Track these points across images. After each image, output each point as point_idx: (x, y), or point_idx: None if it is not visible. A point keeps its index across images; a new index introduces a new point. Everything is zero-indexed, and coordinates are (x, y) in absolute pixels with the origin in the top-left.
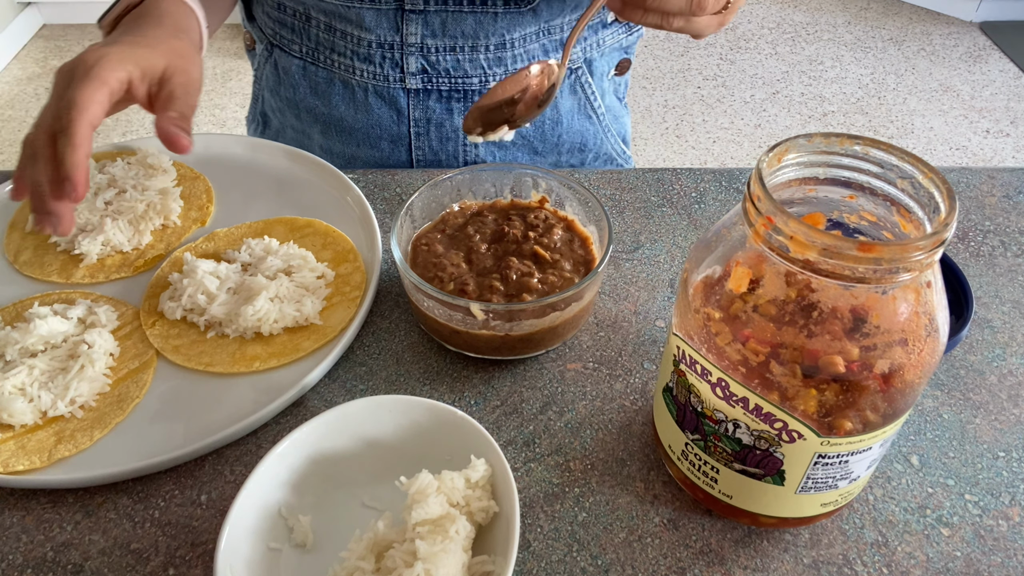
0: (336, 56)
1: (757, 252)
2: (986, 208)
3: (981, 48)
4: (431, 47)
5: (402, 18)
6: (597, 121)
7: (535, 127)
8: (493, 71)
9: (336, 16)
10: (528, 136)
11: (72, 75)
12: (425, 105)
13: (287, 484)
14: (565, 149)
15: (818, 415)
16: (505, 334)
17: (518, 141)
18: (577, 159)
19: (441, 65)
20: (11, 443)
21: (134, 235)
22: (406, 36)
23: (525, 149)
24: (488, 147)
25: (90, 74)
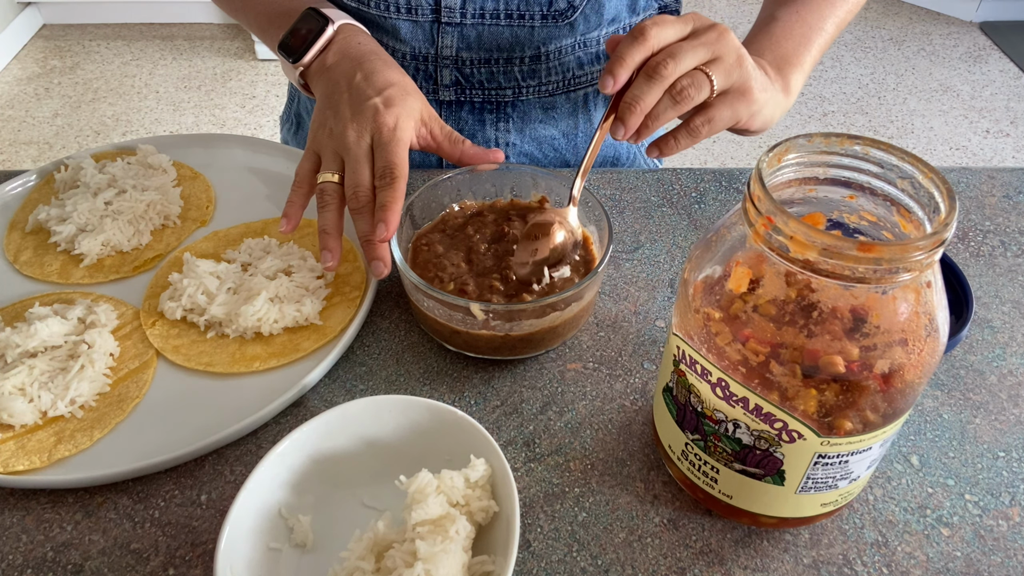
0: None
1: (757, 252)
2: (986, 208)
3: (981, 48)
4: (465, 59)
5: (438, 31)
6: None
7: (567, 140)
8: (527, 83)
9: (373, 25)
10: (560, 148)
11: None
12: (457, 116)
13: (287, 484)
14: (597, 163)
15: (818, 415)
16: (505, 334)
17: (550, 153)
18: None
19: (475, 77)
20: (11, 443)
21: (134, 235)
22: (441, 48)
23: (557, 162)
24: (520, 159)
25: (397, 138)
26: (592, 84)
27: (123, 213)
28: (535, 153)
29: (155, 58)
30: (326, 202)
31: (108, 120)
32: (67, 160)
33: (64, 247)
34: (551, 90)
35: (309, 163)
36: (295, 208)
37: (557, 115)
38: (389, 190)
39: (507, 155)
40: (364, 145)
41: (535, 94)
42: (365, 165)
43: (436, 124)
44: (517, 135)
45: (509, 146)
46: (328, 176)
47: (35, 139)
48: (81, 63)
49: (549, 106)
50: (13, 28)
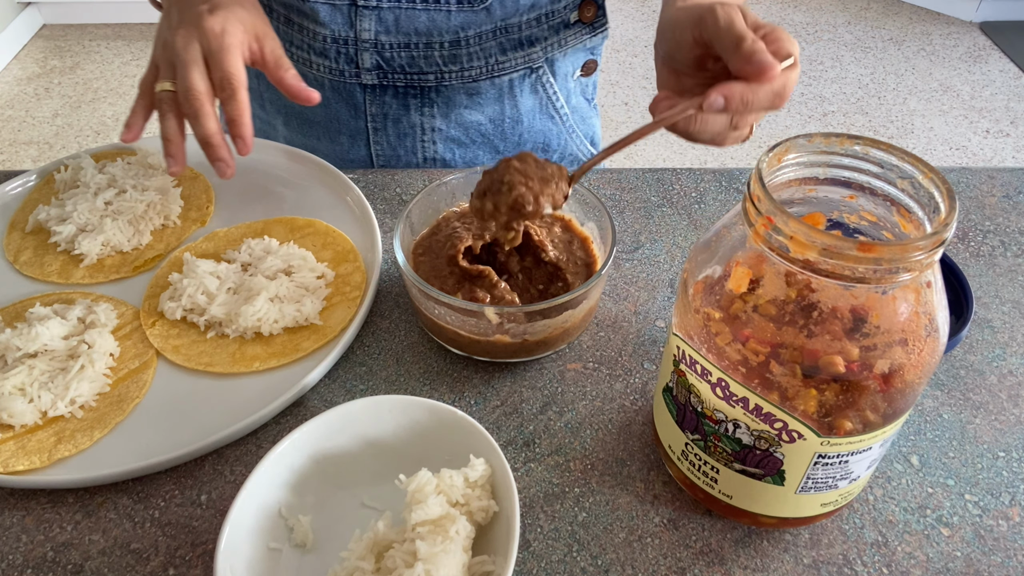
0: (294, 49)
1: (757, 252)
2: (986, 208)
3: (981, 48)
4: (385, 44)
5: (356, 14)
6: (560, 122)
7: (495, 125)
8: (448, 68)
9: (293, 9)
10: (488, 134)
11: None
12: (381, 101)
13: (287, 484)
14: (528, 148)
15: (818, 415)
16: (523, 340)
17: (478, 139)
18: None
19: (396, 62)
20: (11, 443)
21: (134, 235)
22: (360, 32)
23: (486, 147)
24: (448, 144)
25: (226, 44)
26: (517, 70)
27: (123, 213)
28: (462, 138)
29: None
30: (163, 111)
31: (108, 120)
32: (67, 160)
33: (64, 247)
34: (474, 76)
35: (150, 75)
36: (136, 118)
37: (482, 101)
38: (233, 103)
39: (434, 140)
40: (193, 51)
41: (458, 79)
42: (194, 69)
43: (269, 43)
44: (443, 120)
45: (435, 131)
46: (164, 85)
47: (35, 139)
48: (81, 63)
49: (474, 92)
50: (13, 28)
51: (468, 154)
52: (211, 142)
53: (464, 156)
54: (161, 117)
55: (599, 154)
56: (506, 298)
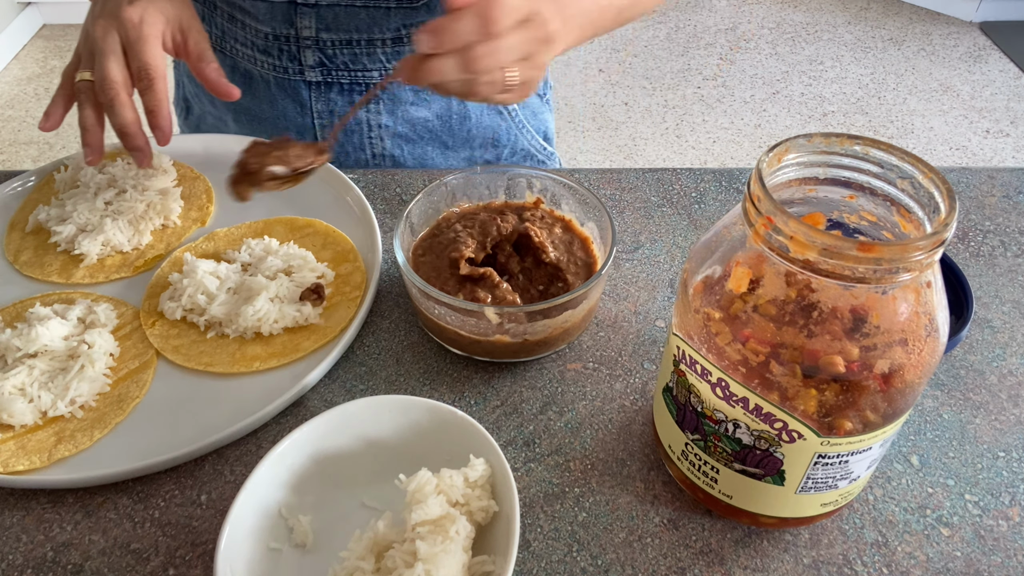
0: (239, 46)
1: (757, 252)
2: (986, 208)
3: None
4: (326, 41)
5: (295, 11)
6: (509, 117)
7: (442, 122)
8: (392, 64)
9: (236, 7)
10: (435, 130)
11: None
12: (327, 98)
13: (287, 484)
14: (477, 144)
15: (818, 415)
16: (524, 340)
17: (426, 135)
18: (492, 154)
19: (339, 59)
20: (11, 443)
21: (134, 235)
22: (300, 29)
23: (435, 143)
24: (395, 140)
25: (144, 34)
26: None
27: (123, 213)
28: (410, 135)
29: None
30: (81, 101)
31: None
32: (67, 160)
33: (64, 247)
34: None
35: (72, 65)
36: (55, 107)
37: (429, 97)
38: (150, 94)
39: (381, 137)
40: (111, 40)
41: None
42: (110, 59)
43: (193, 35)
44: (389, 117)
45: (383, 128)
46: (83, 75)
47: (35, 139)
48: None
49: (419, 88)
50: (13, 28)
51: (417, 150)
52: (126, 131)
53: (413, 152)
54: (79, 107)
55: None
56: (507, 299)
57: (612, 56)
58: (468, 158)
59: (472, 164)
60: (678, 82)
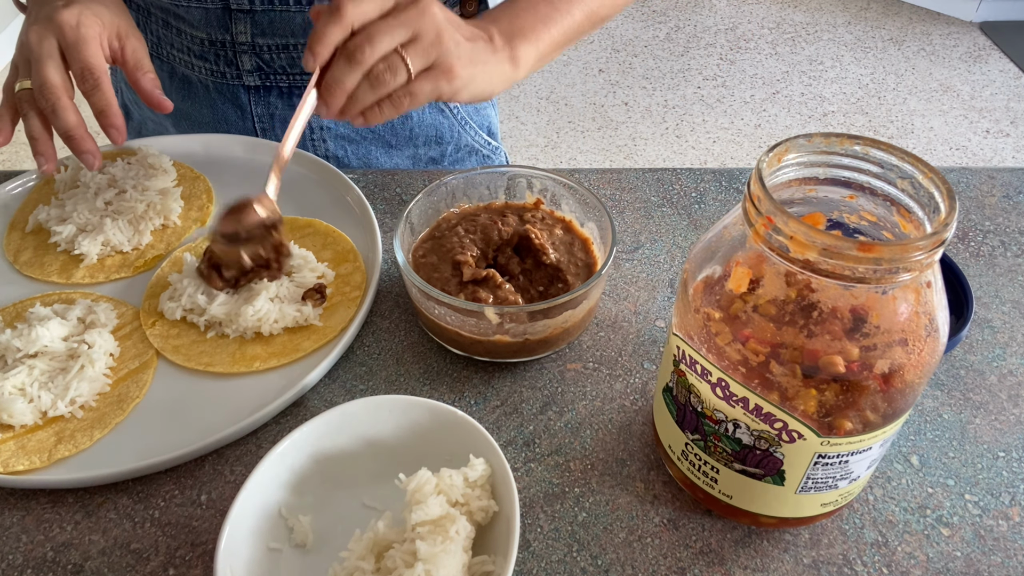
0: (176, 52)
1: (757, 252)
2: (986, 208)
3: (981, 48)
4: (263, 46)
5: (230, 17)
6: (451, 115)
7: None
8: None
9: (170, 13)
10: (377, 130)
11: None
12: (267, 101)
13: (287, 484)
14: (421, 142)
15: (818, 415)
16: (525, 339)
17: (368, 135)
18: (436, 151)
19: (276, 63)
20: (11, 443)
21: (134, 235)
22: (236, 35)
23: (378, 143)
24: (338, 142)
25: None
26: None
27: (123, 213)
28: (352, 135)
29: None
30: (24, 111)
31: None
32: (67, 160)
33: (64, 247)
34: None
35: (12, 76)
36: (3, 122)
37: None
38: (98, 94)
39: (323, 139)
40: (47, 46)
41: None
42: (48, 64)
43: (131, 42)
44: None
45: (324, 130)
46: (22, 84)
47: None
48: None
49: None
50: (13, 28)
51: (360, 150)
52: (72, 135)
53: (356, 153)
54: (23, 117)
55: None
56: (509, 299)
57: (612, 56)
58: (412, 156)
59: (416, 162)
60: (678, 82)
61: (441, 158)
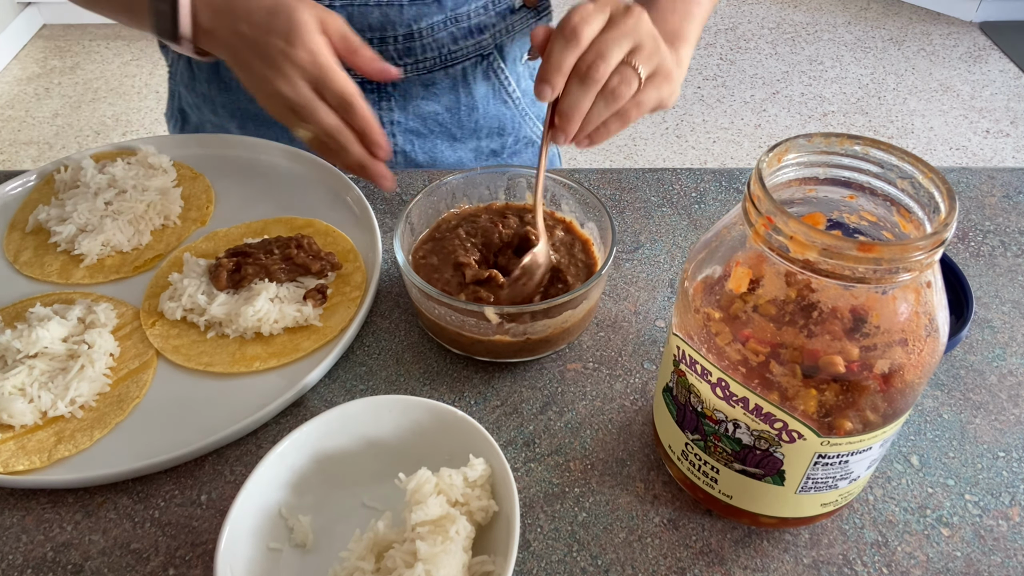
0: None
1: (757, 252)
2: (986, 208)
3: (981, 48)
4: None
5: None
6: (513, 105)
7: (451, 114)
8: (403, 61)
9: None
10: (445, 123)
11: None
12: None
13: (287, 484)
14: (484, 134)
15: (818, 415)
16: (526, 339)
17: (435, 128)
18: (497, 143)
19: None
20: (11, 443)
21: (134, 235)
22: None
23: (443, 136)
24: (407, 136)
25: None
26: (469, 58)
27: (123, 213)
28: (420, 129)
29: (155, 58)
30: (328, 153)
31: (108, 120)
32: (67, 160)
33: (64, 247)
34: (429, 67)
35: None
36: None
37: (438, 91)
38: (355, 117)
39: (393, 134)
40: (304, 91)
41: (413, 71)
42: (319, 108)
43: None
44: (401, 113)
45: (394, 124)
46: (303, 133)
47: (35, 139)
48: (81, 63)
49: (429, 83)
50: (13, 28)
51: (427, 144)
52: (364, 165)
53: (423, 147)
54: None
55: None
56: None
57: None
58: (475, 148)
59: (479, 155)
60: None
61: (501, 150)
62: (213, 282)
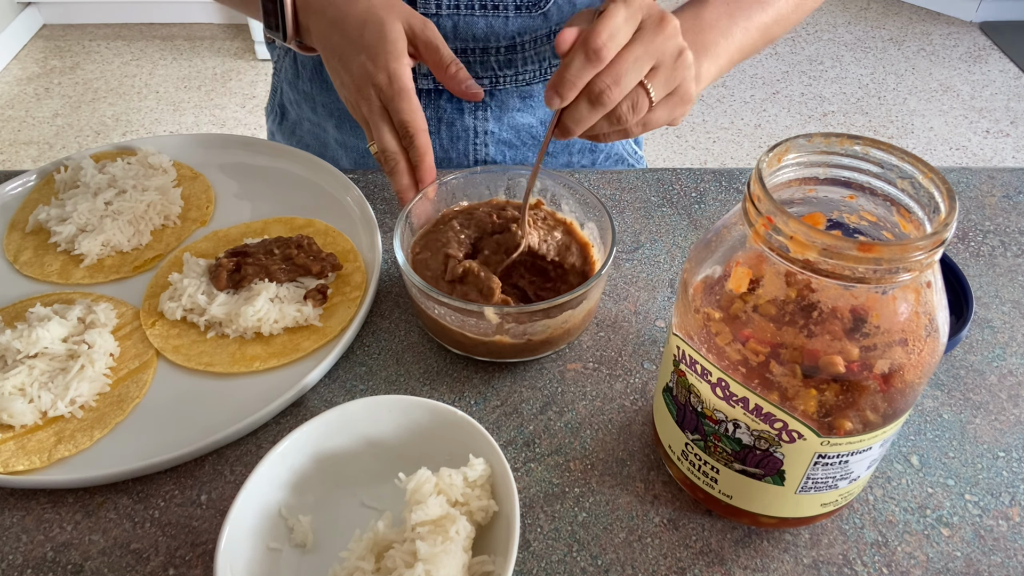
0: None
1: (757, 252)
2: (986, 208)
3: (981, 48)
4: None
5: None
6: None
7: (545, 127)
8: (503, 72)
9: None
10: (538, 136)
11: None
12: (436, 105)
13: (287, 484)
14: (576, 149)
15: (818, 415)
16: (527, 339)
17: (528, 141)
18: (588, 159)
19: None
20: (11, 443)
21: (134, 235)
22: None
23: (535, 148)
24: (499, 147)
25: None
26: None
27: (123, 213)
28: (513, 140)
29: (155, 58)
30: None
31: (108, 120)
32: (67, 160)
33: (64, 247)
34: (528, 79)
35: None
36: None
37: (535, 103)
38: (412, 149)
39: (486, 143)
40: (376, 107)
41: (512, 83)
42: (383, 128)
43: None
44: (495, 123)
45: (488, 134)
46: (372, 147)
47: (35, 139)
48: (81, 63)
49: (527, 95)
50: (13, 28)
51: (518, 155)
52: (402, 196)
53: (515, 158)
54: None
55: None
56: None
57: None
58: (566, 163)
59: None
60: None
61: (592, 167)
62: (213, 282)
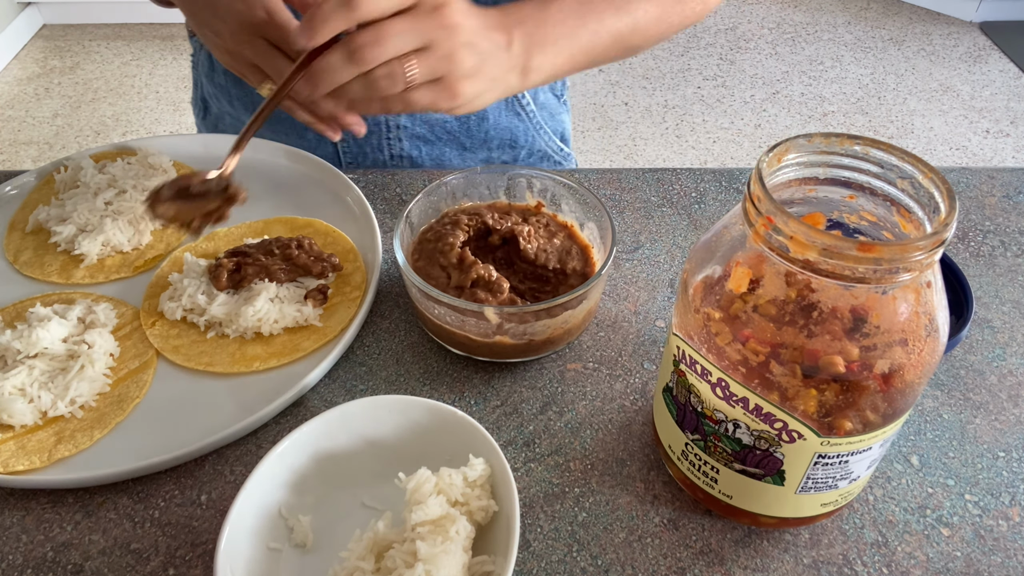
0: None
1: (757, 252)
2: (986, 208)
3: (981, 48)
4: None
5: None
6: (527, 118)
7: (460, 122)
8: None
9: None
10: (454, 131)
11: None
12: None
13: (287, 484)
14: (495, 145)
15: (818, 415)
16: (529, 340)
17: (444, 136)
18: (509, 155)
19: None
20: (11, 443)
21: (134, 235)
22: None
23: (452, 144)
24: (414, 142)
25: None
26: None
27: (123, 213)
28: (428, 136)
29: (155, 58)
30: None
31: (108, 120)
32: (67, 160)
33: (64, 247)
34: None
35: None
36: None
37: None
38: None
39: (399, 138)
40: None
41: None
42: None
43: None
44: (408, 118)
45: (401, 129)
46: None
47: (35, 139)
48: (81, 63)
49: None
50: (13, 28)
51: (434, 151)
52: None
53: (431, 153)
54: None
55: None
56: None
57: None
58: (486, 159)
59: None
60: (678, 82)
61: (514, 162)
62: (213, 282)
